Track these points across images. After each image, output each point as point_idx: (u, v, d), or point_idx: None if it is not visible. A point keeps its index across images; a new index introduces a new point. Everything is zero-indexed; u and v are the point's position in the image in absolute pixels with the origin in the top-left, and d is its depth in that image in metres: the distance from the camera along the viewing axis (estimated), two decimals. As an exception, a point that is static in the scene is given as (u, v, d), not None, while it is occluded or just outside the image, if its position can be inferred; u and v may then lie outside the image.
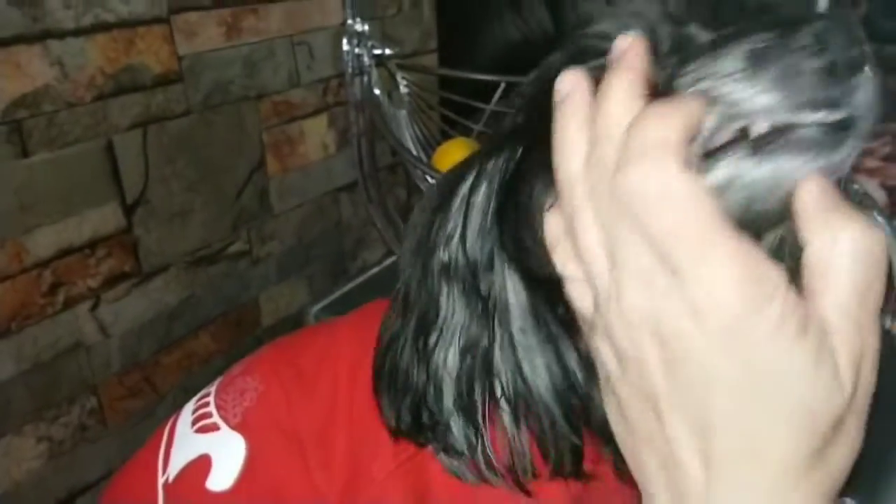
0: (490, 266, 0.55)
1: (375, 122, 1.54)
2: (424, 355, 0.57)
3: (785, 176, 0.39)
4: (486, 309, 0.55)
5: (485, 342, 0.55)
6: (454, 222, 0.56)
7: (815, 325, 0.36)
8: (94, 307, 1.27)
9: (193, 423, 0.77)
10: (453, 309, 0.56)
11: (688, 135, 0.38)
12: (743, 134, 0.40)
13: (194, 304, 1.44)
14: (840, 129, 0.38)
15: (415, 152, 1.62)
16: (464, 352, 0.56)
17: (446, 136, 1.66)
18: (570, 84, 0.44)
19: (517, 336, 0.55)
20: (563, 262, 0.45)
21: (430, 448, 0.62)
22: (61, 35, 1.13)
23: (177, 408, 1.42)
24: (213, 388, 0.83)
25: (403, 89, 1.63)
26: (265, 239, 1.55)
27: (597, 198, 0.40)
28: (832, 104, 0.38)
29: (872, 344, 0.38)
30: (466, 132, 1.62)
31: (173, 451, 0.77)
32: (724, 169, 0.40)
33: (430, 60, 1.83)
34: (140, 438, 1.37)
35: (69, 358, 1.25)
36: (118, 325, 1.31)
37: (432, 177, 1.54)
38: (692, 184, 0.37)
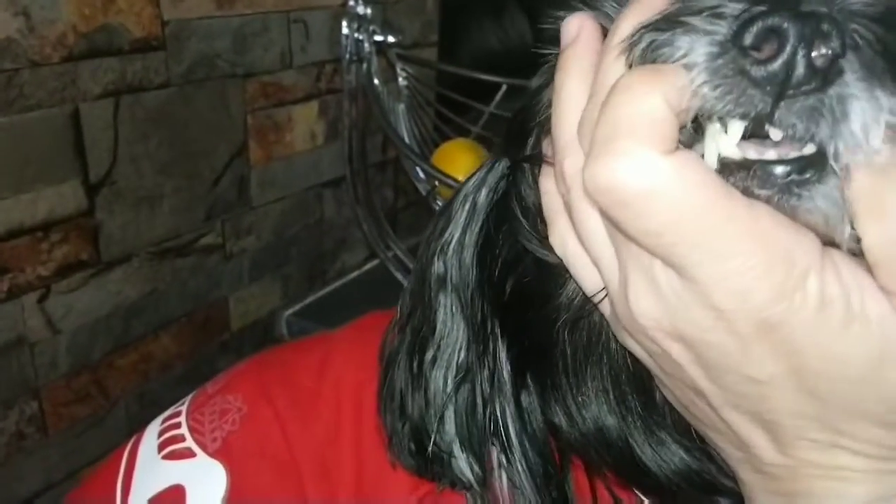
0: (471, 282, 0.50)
1: (373, 112, 1.41)
2: (420, 376, 0.51)
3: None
4: (483, 329, 0.50)
5: (478, 369, 0.49)
6: (453, 228, 0.51)
7: (872, 302, 0.31)
8: (43, 298, 1.11)
9: (161, 447, 0.66)
10: (451, 325, 0.50)
11: (669, 109, 0.31)
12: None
13: (156, 300, 1.29)
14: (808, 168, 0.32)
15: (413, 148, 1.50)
16: (459, 375, 0.50)
17: (441, 134, 1.55)
18: (576, 27, 0.38)
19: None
20: (563, 241, 0.40)
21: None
22: (30, -19, 0.97)
23: (129, 417, 1.27)
24: (183, 407, 0.71)
25: (402, 81, 1.51)
26: (240, 233, 1.41)
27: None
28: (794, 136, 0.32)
29: None
30: (461, 131, 1.52)
31: (135, 479, 0.64)
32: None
33: (430, 54, 1.71)
34: (85, 450, 1.22)
35: (9, 355, 1.08)
36: (69, 320, 1.15)
37: (432, 174, 1.43)
38: (678, 171, 0.31)
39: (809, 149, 0.32)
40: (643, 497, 0.52)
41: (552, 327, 0.45)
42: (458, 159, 1.40)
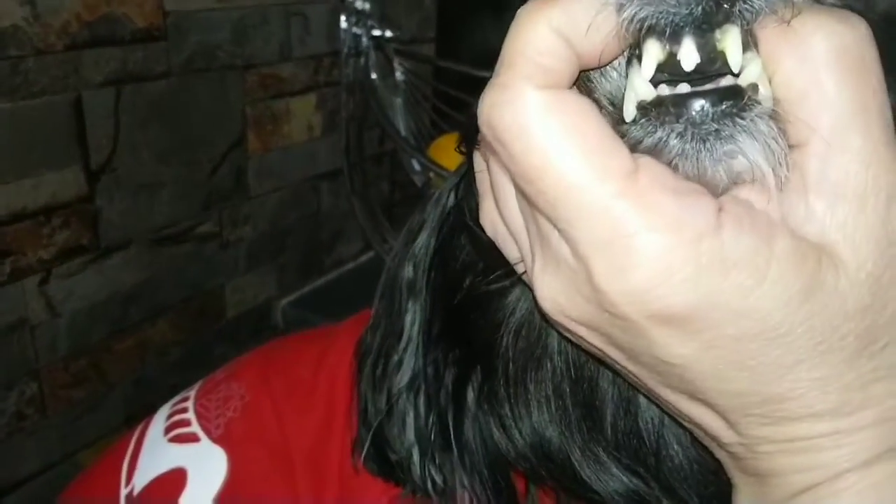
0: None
1: (371, 105, 1.43)
2: (383, 380, 0.50)
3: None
4: (429, 331, 0.48)
5: (432, 370, 0.48)
6: (423, 231, 0.49)
7: (783, 242, 0.28)
8: (44, 282, 1.13)
9: (168, 430, 0.67)
10: (417, 331, 0.48)
11: (557, 38, 0.29)
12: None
13: (154, 287, 1.31)
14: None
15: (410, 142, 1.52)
16: (414, 381, 0.48)
17: (438, 129, 1.57)
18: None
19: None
20: (492, 221, 0.37)
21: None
22: (36, -30, 0.99)
23: (126, 401, 1.29)
24: (192, 392, 0.72)
25: (399, 76, 1.53)
26: (237, 222, 1.43)
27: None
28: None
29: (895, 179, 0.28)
30: (458, 127, 1.53)
31: (141, 459, 0.66)
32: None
33: (428, 49, 1.73)
34: (83, 432, 1.25)
35: (11, 337, 1.10)
36: (68, 303, 1.17)
37: (428, 167, 1.45)
38: (547, 109, 0.28)
39: (727, 81, 0.30)
40: None
41: (497, 332, 0.43)
42: (454, 152, 1.42)
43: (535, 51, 0.29)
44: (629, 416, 0.41)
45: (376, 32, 1.46)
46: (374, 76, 1.46)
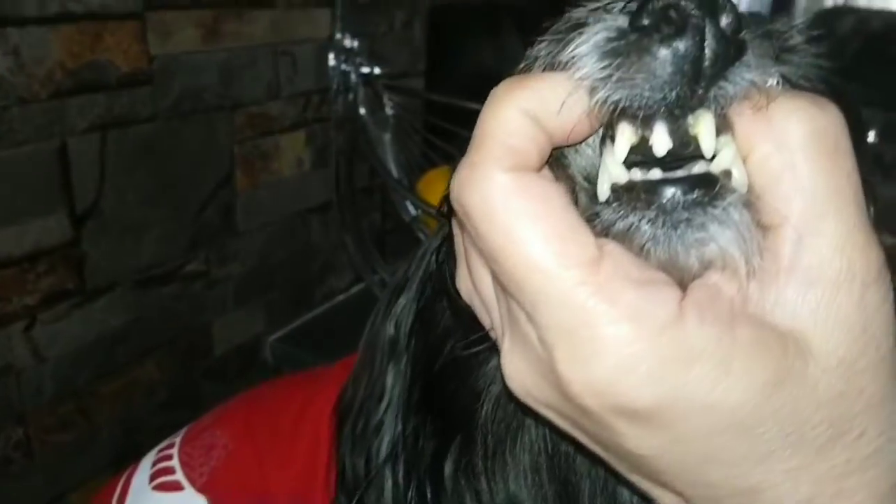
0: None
1: (359, 143, 1.43)
2: (362, 441, 0.50)
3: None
4: (409, 398, 0.48)
5: (412, 439, 0.47)
6: (409, 290, 0.49)
7: (746, 331, 0.27)
8: (29, 327, 1.13)
9: (153, 477, 0.68)
10: (398, 393, 0.48)
11: (526, 120, 0.29)
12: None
13: (141, 327, 1.30)
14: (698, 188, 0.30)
15: (397, 177, 1.52)
16: (394, 448, 0.48)
17: (428, 160, 1.57)
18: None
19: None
20: (468, 287, 0.37)
21: None
22: (22, 22, 0.99)
23: (113, 444, 1.29)
24: (177, 439, 0.73)
25: (389, 111, 1.54)
26: (225, 259, 1.43)
27: None
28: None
29: (870, 264, 0.28)
30: (449, 157, 1.54)
31: None
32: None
33: (418, 83, 1.73)
34: (70, 476, 1.24)
35: (-5, 383, 1.10)
36: (54, 348, 1.17)
37: (416, 204, 1.45)
38: (511, 191, 0.28)
39: (699, 168, 0.30)
40: None
41: (477, 401, 0.43)
42: (443, 188, 1.42)
43: (505, 132, 0.29)
44: (606, 493, 0.41)
45: (365, 69, 1.47)
46: (362, 111, 1.47)
